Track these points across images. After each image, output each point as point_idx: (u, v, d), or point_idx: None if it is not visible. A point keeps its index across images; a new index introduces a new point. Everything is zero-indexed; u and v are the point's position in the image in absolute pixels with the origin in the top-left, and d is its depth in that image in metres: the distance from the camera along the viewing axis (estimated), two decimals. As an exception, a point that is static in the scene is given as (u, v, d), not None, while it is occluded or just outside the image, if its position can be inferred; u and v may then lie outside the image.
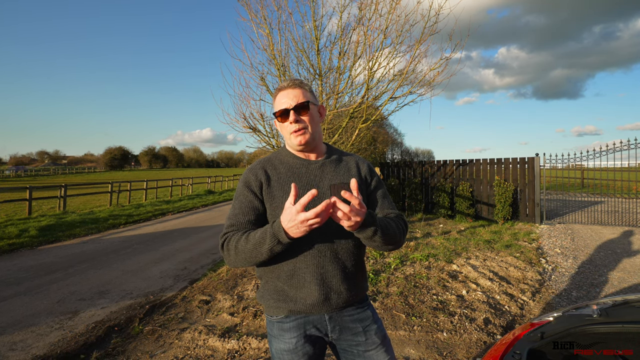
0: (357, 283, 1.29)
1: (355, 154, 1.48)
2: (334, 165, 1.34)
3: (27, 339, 3.13)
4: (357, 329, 1.28)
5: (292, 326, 1.25)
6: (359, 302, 1.33)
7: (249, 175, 1.29)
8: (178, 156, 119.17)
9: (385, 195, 1.39)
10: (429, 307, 3.60)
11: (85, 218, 10.06)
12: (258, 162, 1.34)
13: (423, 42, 6.29)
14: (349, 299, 1.26)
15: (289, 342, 1.24)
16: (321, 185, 1.28)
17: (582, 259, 5.50)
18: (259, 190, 1.26)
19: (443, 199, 9.73)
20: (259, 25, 6.67)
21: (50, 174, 61.43)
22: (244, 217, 1.23)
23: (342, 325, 1.28)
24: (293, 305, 1.23)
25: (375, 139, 14.19)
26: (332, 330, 1.27)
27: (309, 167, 1.31)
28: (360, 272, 1.31)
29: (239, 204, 1.26)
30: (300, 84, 1.29)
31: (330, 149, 1.41)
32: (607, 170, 8.80)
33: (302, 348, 1.23)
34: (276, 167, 1.31)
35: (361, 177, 1.35)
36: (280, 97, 1.28)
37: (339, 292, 1.23)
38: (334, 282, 1.22)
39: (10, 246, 6.79)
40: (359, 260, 1.30)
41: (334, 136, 7.12)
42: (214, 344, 2.95)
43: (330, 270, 1.22)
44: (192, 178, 23.07)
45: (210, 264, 5.62)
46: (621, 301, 1.61)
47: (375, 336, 1.29)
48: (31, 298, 4.14)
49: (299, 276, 1.21)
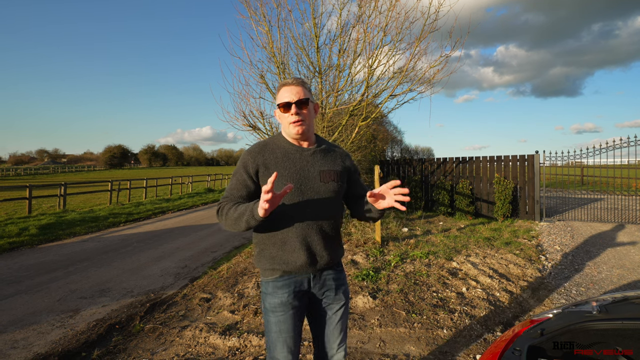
0: (336, 249, 1.60)
1: (340, 147, 1.76)
2: (323, 154, 1.59)
3: (29, 337, 3.14)
4: (331, 285, 1.58)
5: (284, 284, 1.51)
6: (336, 265, 1.63)
7: (248, 157, 1.51)
8: (178, 154, 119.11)
9: (362, 181, 1.74)
10: (429, 304, 3.61)
11: (86, 216, 10.06)
12: (257, 145, 1.56)
13: (423, 40, 6.28)
14: (330, 261, 1.55)
15: (282, 296, 1.49)
16: (312, 170, 1.52)
17: (581, 256, 5.51)
18: (254, 173, 1.49)
19: (443, 197, 9.74)
20: (259, 23, 6.66)
21: (49, 173, 61.37)
22: (237, 192, 1.50)
23: (322, 282, 1.57)
24: (286, 266, 1.49)
25: (375, 137, 14.17)
26: (314, 286, 1.56)
27: (302, 154, 1.54)
28: (337, 240, 1.62)
29: (236, 180, 1.51)
30: (302, 83, 1.51)
31: (320, 139, 1.65)
32: (606, 167, 8.80)
33: (292, 302, 1.50)
34: (273, 150, 1.53)
35: (345, 166, 1.63)
36: (284, 91, 1.50)
37: (322, 256, 1.52)
38: (318, 248, 1.50)
39: (11, 245, 6.80)
40: (337, 232, 1.60)
41: (334, 134, 7.11)
42: (214, 342, 2.96)
43: (316, 239, 1.50)
44: (192, 176, 23.06)
45: (211, 262, 5.63)
46: (621, 298, 1.62)
47: (343, 295, 1.61)
48: (32, 296, 4.14)
49: (291, 243, 1.47)
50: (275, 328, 1.50)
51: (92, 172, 68.35)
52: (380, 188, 1.39)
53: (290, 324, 1.49)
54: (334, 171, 1.56)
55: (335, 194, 1.54)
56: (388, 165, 11.53)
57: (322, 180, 1.51)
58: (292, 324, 1.50)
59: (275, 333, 1.50)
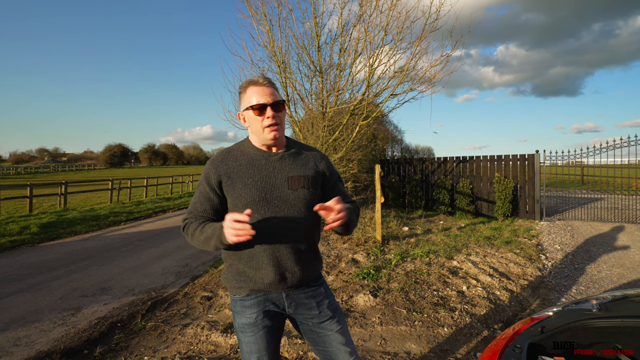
0: (310, 264, 1.44)
1: (317, 149, 1.58)
2: (293, 158, 1.44)
3: (31, 335, 3.16)
4: (311, 304, 1.43)
5: (252, 303, 1.39)
6: (313, 281, 1.48)
7: (210, 169, 1.39)
8: (178, 153, 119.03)
9: (343, 187, 1.57)
10: (430, 302, 3.62)
11: (86, 215, 10.08)
12: (220, 154, 1.44)
13: (424, 39, 6.28)
14: (303, 278, 1.40)
15: (249, 317, 1.38)
16: (279, 176, 1.38)
17: (581, 255, 5.52)
18: (217, 184, 1.37)
19: (443, 196, 9.75)
20: (260, 22, 6.66)
21: (50, 172, 61.43)
22: (200, 206, 1.39)
23: (298, 301, 1.43)
24: (253, 284, 1.37)
25: (375, 136, 14.18)
26: (288, 306, 1.42)
27: (268, 159, 1.40)
28: (313, 255, 1.46)
29: (199, 193, 1.41)
30: (272, 84, 1.39)
31: (291, 142, 1.50)
32: (606, 167, 8.82)
33: (261, 322, 1.38)
34: (237, 158, 1.41)
35: (318, 171, 1.46)
36: (254, 91, 1.36)
37: (293, 272, 1.37)
38: (288, 263, 1.36)
39: (12, 243, 6.82)
40: (311, 245, 1.45)
41: (334, 133, 7.12)
42: (216, 340, 2.97)
43: (285, 254, 1.36)
44: (193, 175, 23.08)
45: (211, 260, 5.65)
46: (620, 296, 1.63)
47: (328, 309, 1.45)
48: (34, 294, 4.16)
49: (257, 259, 1.35)
50: (246, 348, 1.40)
51: (93, 171, 68.40)
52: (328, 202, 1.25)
53: (261, 344, 1.38)
54: (304, 176, 1.40)
55: (306, 201, 1.38)
56: (389, 164, 11.55)
57: (290, 187, 1.37)
58: (264, 343, 1.39)
59: (247, 353, 1.40)
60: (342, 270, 4.68)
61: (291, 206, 1.37)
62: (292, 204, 1.37)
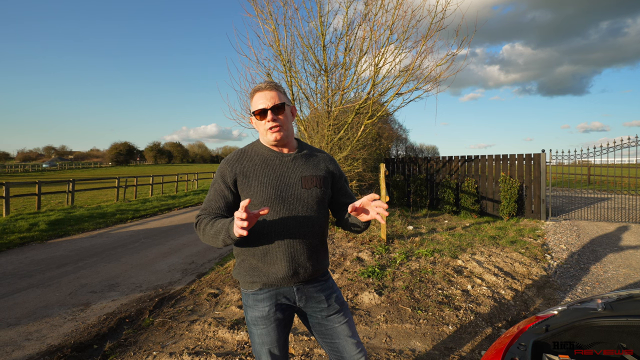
0: (321, 259, 1.51)
1: (325, 151, 1.68)
2: (305, 159, 1.52)
3: (42, 330, 3.22)
4: (320, 298, 1.50)
5: (265, 297, 1.45)
6: (322, 275, 1.55)
7: (226, 167, 1.44)
8: (183, 152, 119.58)
9: (349, 188, 1.65)
10: (435, 301, 3.63)
11: (93, 213, 10.20)
12: (235, 154, 1.50)
13: (429, 38, 6.27)
14: (314, 273, 1.47)
15: (262, 310, 1.44)
16: (293, 176, 1.45)
17: (587, 255, 5.50)
18: (232, 183, 1.42)
19: (448, 195, 9.73)
20: (265, 21, 6.68)
21: (57, 169, 62.04)
22: (215, 204, 1.43)
23: (308, 295, 1.49)
24: (266, 279, 1.42)
25: (380, 135, 14.16)
26: (299, 299, 1.48)
27: (282, 160, 1.48)
28: (323, 250, 1.53)
29: (214, 191, 1.45)
30: (276, 87, 1.45)
31: (301, 144, 1.58)
32: (613, 166, 8.75)
33: (274, 315, 1.44)
34: (252, 158, 1.47)
35: (329, 172, 1.55)
36: (258, 97, 1.44)
37: (305, 267, 1.44)
38: (301, 259, 1.43)
39: (22, 240, 6.92)
40: (322, 241, 1.52)
41: (339, 132, 7.14)
42: (223, 336, 3.01)
43: (299, 249, 1.42)
44: (198, 173, 23.21)
45: (217, 258, 5.70)
46: (626, 295, 1.64)
47: (336, 303, 1.52)
48: (44, 290, 4.23)
49: (272, 254, 1.40)
50: (258, 340, 1.46)
51: (99, 169, 68.98)
52: (360, 201, 1.31)
53: (273, 335, 1.44)
54: (317, 176, 1.48)
55: (319, 200, 1.46)
56: (393, 163, 11.54)
57: (304, 186, 1.44)
58: (276, 335, 1.45)
59: (258, 345, 1.46)
60: (347, 268, 4.71)
61: (305, 204, 1.43)
62: (306, 202, 1.43)
